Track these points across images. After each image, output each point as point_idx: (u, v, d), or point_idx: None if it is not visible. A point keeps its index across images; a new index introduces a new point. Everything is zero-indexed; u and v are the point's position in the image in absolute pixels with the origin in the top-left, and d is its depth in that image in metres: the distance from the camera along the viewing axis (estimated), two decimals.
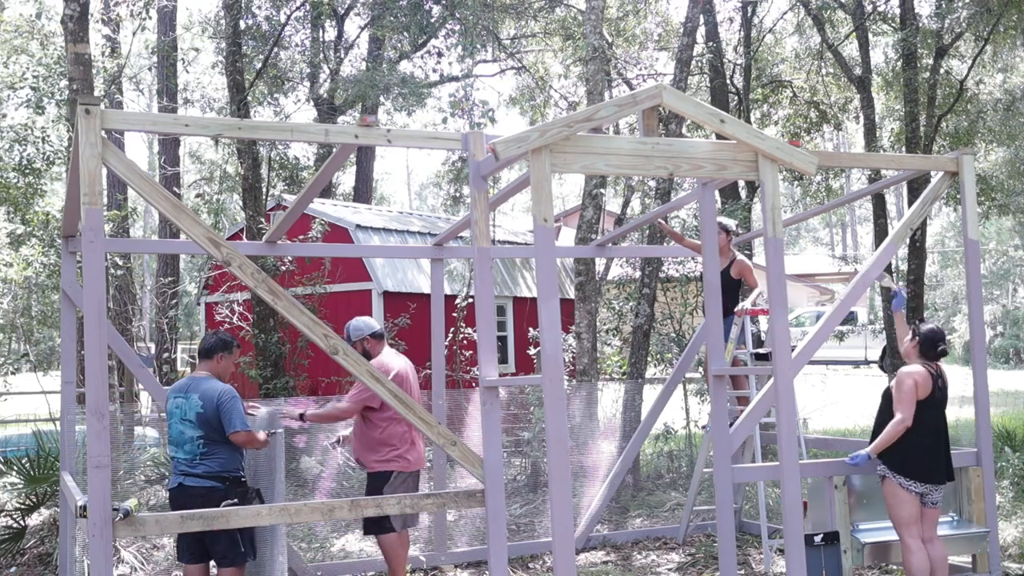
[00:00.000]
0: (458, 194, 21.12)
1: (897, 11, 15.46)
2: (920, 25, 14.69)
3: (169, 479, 5.81)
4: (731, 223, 8.18)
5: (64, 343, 6.89)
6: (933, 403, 5.91)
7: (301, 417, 6.25)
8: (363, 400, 6.26)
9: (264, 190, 14.45)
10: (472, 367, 13.61)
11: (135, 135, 41.84)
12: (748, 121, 15.75)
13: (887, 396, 6.04)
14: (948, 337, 42.12)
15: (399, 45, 19.30)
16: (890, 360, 14.25)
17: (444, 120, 14.12)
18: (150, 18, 14.86)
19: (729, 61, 16.30)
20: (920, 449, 5.85)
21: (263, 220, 12.98)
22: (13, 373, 12.26)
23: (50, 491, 8.09)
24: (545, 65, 21.80)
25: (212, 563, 5.83)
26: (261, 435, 5.73)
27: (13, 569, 7.63)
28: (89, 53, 10.37)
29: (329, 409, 6.41)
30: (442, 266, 8.05)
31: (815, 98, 18.56)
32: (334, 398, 11.92)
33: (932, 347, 6.03)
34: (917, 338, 6.07)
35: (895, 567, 7.10)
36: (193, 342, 21.10)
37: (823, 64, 18.26)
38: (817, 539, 6.07)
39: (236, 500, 5.59)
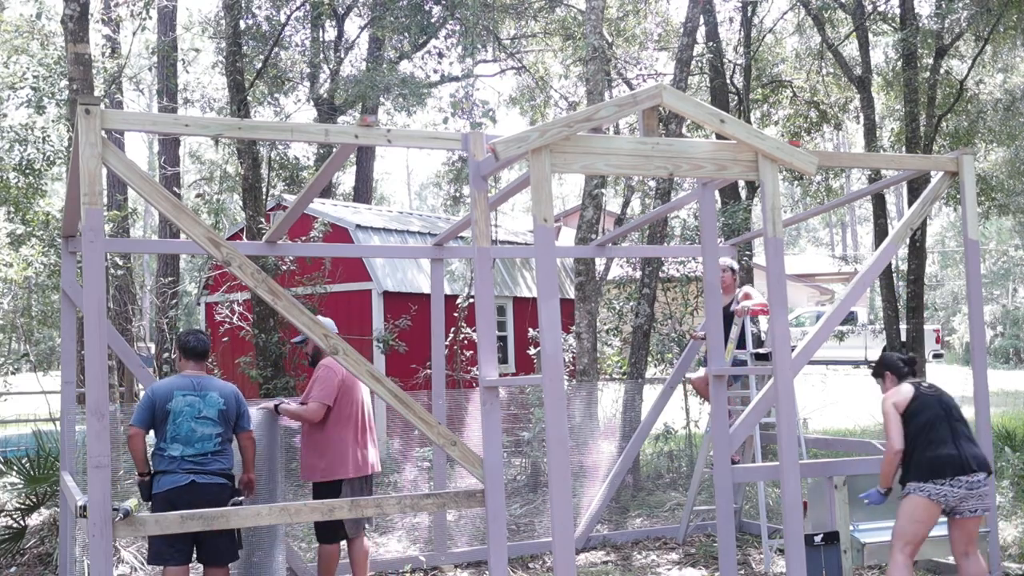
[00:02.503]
0: (458, 194, 21.11)
1: (897, 11, 15.46)
2: (920, 25, 14.69)
3: (160, 477, 5.54)
4: (734, 263, 8.22)
5: (64, 343, 6.89)
6: (920, 407, 5.65)
7: (276, 409, 6.33)
8: (326, 399, 6.22)
9: (264, 190, 14.44)
10: (472, 367, 13.61)
11: (135, 135, 41.86)
12: (748, 121, 15.75)
13: None
14: (947, 338, 41.68)
15: (399, 45, 19.29)
16: None
17: (445, 120, 14.11)
18: (150, 18, 14.87)
19: (729, 61, 16.30)
20: (921, 451, 5.59)
21: (263, 220, 12.97)
22: (13, 373, 12.25)
23: (50, 491, 8.09)
24: (545, 65, 21.80)
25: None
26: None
27: (13, 569, 7.63)
28: (89, 53, 10.37)
29: (300, 409, 6.30)
30: (442, 266, 8.05)
31: (815, 98, 18.57)
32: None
33: (899, 368, 5.91)
34: (885, 371, 5.95)
35: None
36: None
37: (823, 64, 18.27)
38: (817, 539, 6.07)
39: (243, 499, 5.58)
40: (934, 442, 5.54)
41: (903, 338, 14.13)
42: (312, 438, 6.34)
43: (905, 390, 5.74)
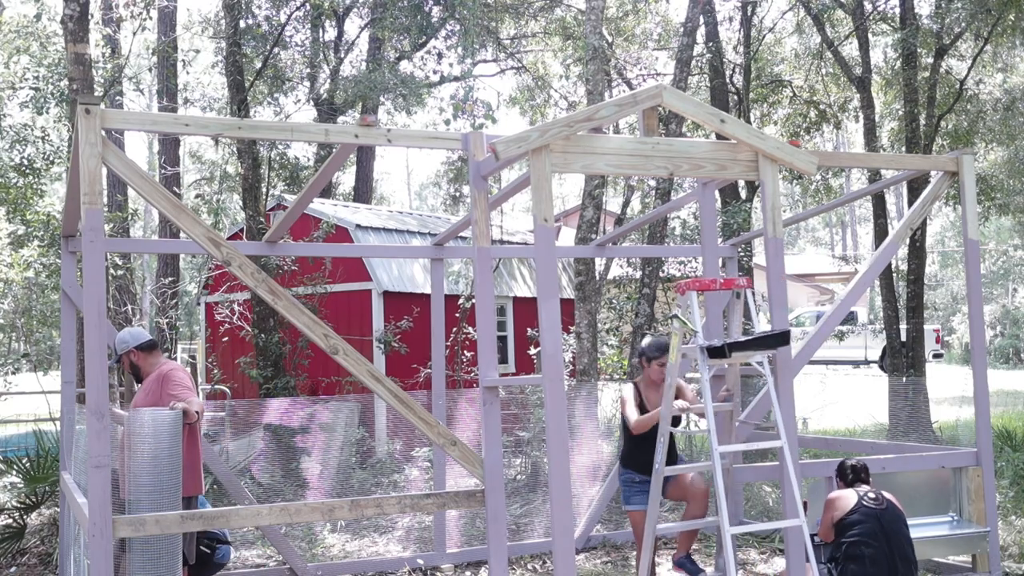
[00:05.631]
0: (458, 194, 21.12)
1: (897, 11, 15.45)
2: (920, 25, 14.67)
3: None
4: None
5: (64, 343, 6.89)
6: (856, 520, 5.46)
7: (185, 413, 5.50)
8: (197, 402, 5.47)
9: (264, 190, 14.44)
10: (474, 367, 13.60)
11: (135, 135, 41.85)
12: (748, 121, 15.74)
13: None
14: (947, 338, 41.51)
15: (399, 45, 19.29)
16: (890, 360, 14.26)
17: (447, 122, 14.11)
18: (150, 18, 14.84)
19: (729, 61, 16.29)
20: (848, 560, 5.40)
21: (263, 220, 12.97)
22: (13, 373, 12.24)
23: (50, 491, 8.10)
24: (545, 65, 21.80)
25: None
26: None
27: (13, 569, 7.63)
28: (89, 53, 10.37)
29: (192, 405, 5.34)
30: (442, 266, 8.05)
31: (815, 98, 18.56)
32: (336, 398, 11.96)
33: (844, 474, 5.82)
34: (838, 480, 5.87)
35: None
36: (193, 342, 21.09)
37: (823, 64, 18.26)
38: (817, 539, 6.07)
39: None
40: (857, 558, 5.40)
41: (903, 338, 14.13)
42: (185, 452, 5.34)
43: (845, 501, 5.59)
